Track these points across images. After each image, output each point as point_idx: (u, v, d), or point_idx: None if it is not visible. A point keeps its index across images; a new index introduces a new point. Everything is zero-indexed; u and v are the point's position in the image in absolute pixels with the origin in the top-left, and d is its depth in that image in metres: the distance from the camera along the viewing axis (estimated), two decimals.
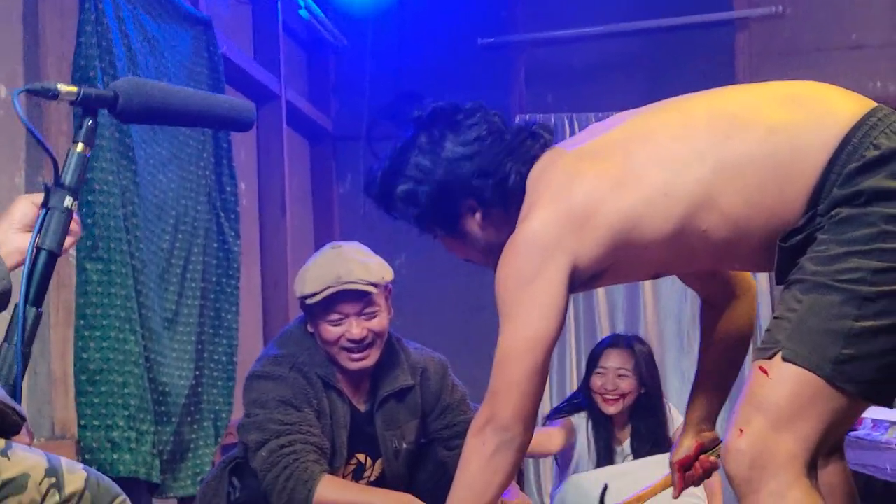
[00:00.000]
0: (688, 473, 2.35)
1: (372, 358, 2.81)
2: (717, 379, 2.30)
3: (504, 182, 2.05)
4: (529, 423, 1.99)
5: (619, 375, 3.66)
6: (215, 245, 3.78)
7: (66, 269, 2.99)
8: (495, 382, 1.97)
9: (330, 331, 2.77)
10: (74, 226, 1.68)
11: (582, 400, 3.77)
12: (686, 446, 2.34)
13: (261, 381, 2.77)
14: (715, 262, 2.04)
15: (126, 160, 3.15)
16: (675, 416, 3.76)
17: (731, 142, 1.82)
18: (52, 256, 1.59)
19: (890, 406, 1.92)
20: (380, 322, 2.81)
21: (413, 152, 2.13)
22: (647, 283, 5.30)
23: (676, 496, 2.43)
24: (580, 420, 3.72)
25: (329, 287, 2.74)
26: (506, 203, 2.07)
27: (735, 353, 2.28)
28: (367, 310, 2.79)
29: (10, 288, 1.68)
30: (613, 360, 3.69)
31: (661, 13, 5.48)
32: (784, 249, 1.77)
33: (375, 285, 2.78)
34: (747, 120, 1.83)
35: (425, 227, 2.16)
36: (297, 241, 4.99)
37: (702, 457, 2.35)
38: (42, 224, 1.58)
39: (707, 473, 2.38)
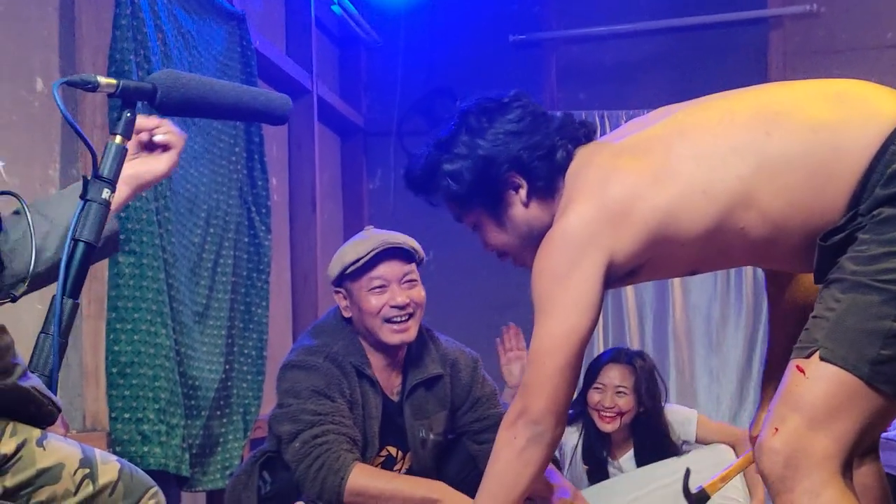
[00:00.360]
0: None
1: (412, 331, 2.82)
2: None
3: (551, 156, 2.07)
4: (561, 418, 2.00)
5: (618, 393, 3.52)
6: (246, 240, 3.79)
7: (99, 262, 3.00)
8: (528, 376, 1.98)
9: (372, 302, 2.79)
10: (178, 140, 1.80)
11: (575, 413, 3.60)
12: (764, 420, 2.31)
13: (294, 371, 2.78)
14: (753, 260, 2.03)
15: None
16: (681, 420, 3.65)
17: (772, 139, 1.80)
18: (90, 248, 1.59)
19: None
20: (419, 292, 2.85)
21: (461, 133, 2.13)
22: (677, 282, 5.27)
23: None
24: (569, 434, 3.59)
25: (375, 248, 2.80)
26: (551, 180, 2.08)
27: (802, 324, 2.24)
28: (409, 276, 2.84)
29: (118, 230, 1.77)
30: (613, 377, 3.54)
31: (693, 11, 5.44)
32: (824, 248, 1.76)
33: (416, 252, 2.86)
34: (790, 118, 1.82)
35: (467, 206, 2.17)
36: (326, 236, 5.00)
37: None
38: (80, 215, 1.59)
39: None
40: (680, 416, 3.67)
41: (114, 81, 1.61)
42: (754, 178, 1.80)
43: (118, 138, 1.64)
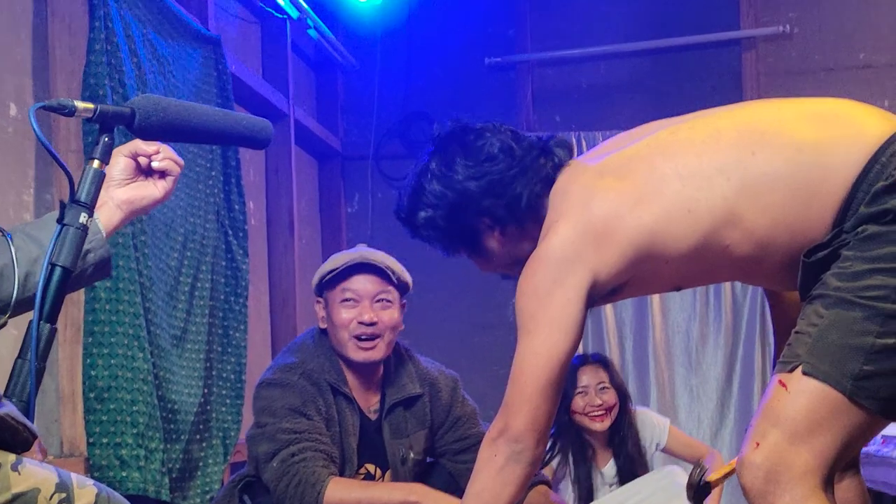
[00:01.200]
0: None
1: (379, 351, 2.82)
2: None
3: (517, 202, 2.07)
4: (542, 437, 1.99)
5: (601, 389, 3.58)
6: (223, 263, 3.78)
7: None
8: (510, 395, 1.98)
9: (342, 314, 2.80)
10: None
11: (558, 431, 3.59)
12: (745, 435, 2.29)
13: (270, 389, 2.77)
14: (738, 277, 2.04)
15: None
16: (653, 425, 3.68)
17: (756, 159, 1.81)
18: (67, 273, 1.58)
19: None
20: (391, 315, 2.83)
21: (427, 179, 2.14)
22: (656, 301, 5.29)
23: None
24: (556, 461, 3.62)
25: (351, 261, 2.83)
26: (522, 220, 2.08)
27: None
28: (382, 295, 2.83)
29: (109, 256, 1.73)
30: (591, 377, 3.60)
31: (667, 33, 5.49)
32: (808, 265, 1.76)
33: (394, 274, 2.85)
34: (775, 137, 1.83)
35: (450, 247, 2.18)
36: (305, 260, 5.00)
37: None
38: (57, 240, 1.58)
39: None
40: (653, 420, 3.72)
41: (91, 106, 1.60)
42: (739, 198, 1.81)
43: (96, 163, 1.62)
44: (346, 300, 2.81)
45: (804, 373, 1.67)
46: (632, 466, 3.59)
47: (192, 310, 3.54)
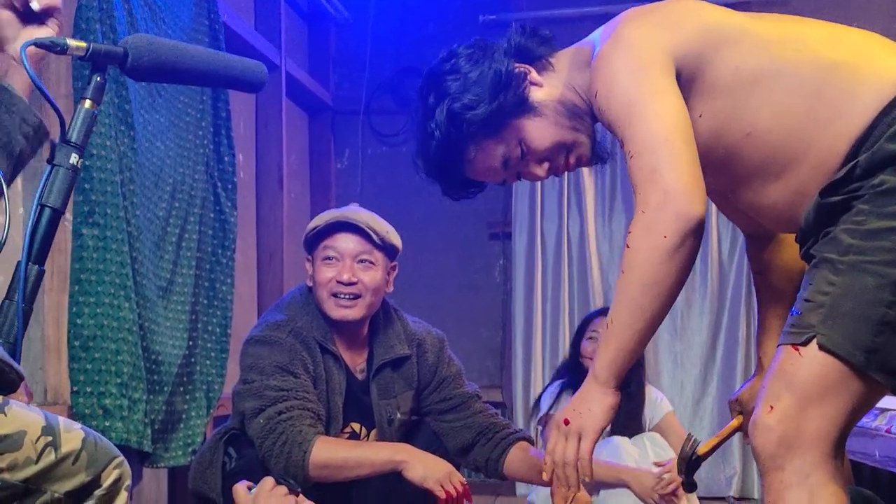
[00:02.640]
0: None
1: (358, 310, 2.80)
2: (783, 312, 2.14)
3: (537, 31, 2.04)
4: (704, 196, 1.76)
5: None
6: (212, 215, 3.75)
7: (62, 234, 2.96)
8: (651, 164, 1.74)
9: (323, 272, 2.80)
10: None
11: (564, 371, 3.79)
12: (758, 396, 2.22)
13: (257, 346, 2.76)
14: (746, 200, 1.92)
15: (125, 126, 3.12)
16: (654, 399, 3.77)
17: (798, 56, 1.78)
18: (56, 214, 1.56)
19: None
20: (372, 277, 2.81)
21: (446, 78, 2.02)
22: None
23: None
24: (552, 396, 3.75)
25: (333, 219, 2.81)
26: (552, 44, 2.04)
27: (794, 285, 2.10)
28: (364, 256, 2.81)
29: (41, 120, 1.66)
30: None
31: None
32: (820, 206, 1.71)
33: (377, 235, 2.82)
34: (813, 46, 1.80)
35: (499, 124, 1.99)
36: (293, 215, 4.96)
37: None
38: (47, 180, 1.55)
39: None
40: (657, 397, 3.78)
41: (83, 44, 1.57)
42: (773, 84, 1.77)
43: (88, 102, 1.60)
44: (328, 258, 2.80)
45: (819, 345, 1.63)
46: (624, 421, 3.65)
47: (178, 261, 3.51)
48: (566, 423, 1.88)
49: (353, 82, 5.59)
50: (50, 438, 1.49)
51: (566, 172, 2.12)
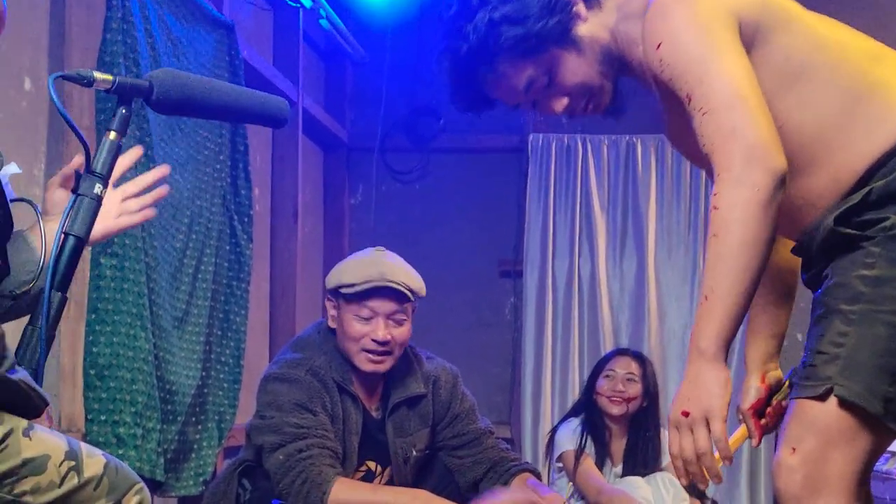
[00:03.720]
0: (763, 421, 2.09)
1: (387, 364, 2.83)
2: (774, 311, 2.12)
3: None
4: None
5: (628, 380, 3.76)
6: (227, 247, 3.79)
7: (81, 263, 2.97)
8: (731, 120, 1.69)
9: (356, 327, 2.80)
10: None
11: (579, 409, 3.83)
12: (755, 389, 2.10)
13: (276, 383, 2.77)
14: None
15: (144, 158, 3.15)
16: (666, 442, 3.79)
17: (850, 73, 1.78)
18: (80, 242, 1.59)
19: None
20: (403, 332, 2.84)
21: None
22: (653, 307, 5.30)
23: (757, 444, 2.19)
24: (572, 431, 3.78)
25: (371, 280, 2.78)
26: None
27: (786, 283, 2.10)
28: (398, 315, 2.83)
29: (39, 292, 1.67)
30: (623, 366, 3.79)
31: None
32: (834, 234, 1.71)
33: (413, 293, 2.84)
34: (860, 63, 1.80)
35: (538, 47, 1.92)
36: (307, 248, 5.01)
37: (773, 401, 2.10)
38: (71, 209, 1.59)
39: (782, 418, 2.02)
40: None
41: (109, 77, 1.61)
42: (814, 81, 1.77)
43: (113, 134, 1.64)
44: (364, 317, 2.81)
45: (838, 396, 1.63)
46: (634, 466, 3.68)
47: (194, 292, 3.55)
48: (685, 415, 1.72)
49: (369, 120, 5.64)
50: (73, 463, 1.52)
51: (583, 113, 2.04)
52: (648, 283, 5.32)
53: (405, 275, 2.85)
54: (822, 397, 1.65)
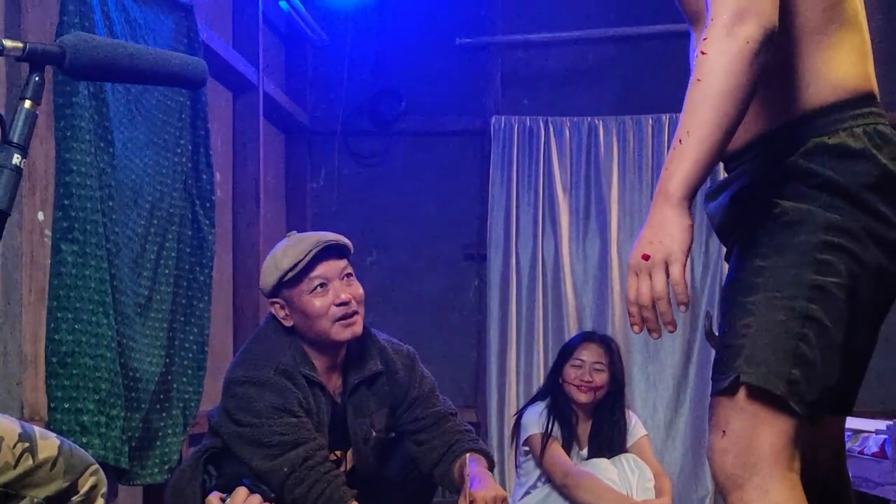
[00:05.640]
0: None
1: (359, 325, 2.82)
2: None
3: None
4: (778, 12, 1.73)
5: (596, 369, 3.75)
6: (189, 233, 3.75)
7: (41, 249, 2.96)
8: None
9: (317, 303, 2.77)
10: None
11: (545, 394, 3.83)
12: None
13: (245, 386, 2.73)
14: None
15: (104, 143, 3.13)
16: (630, 423, 3.82)
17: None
18: (3, 215, 1.55)
19: (848, 413, 1.93)
20: (358, 289, 2.84)
21: None
22: (616, 289, 5.32)
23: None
24: (537, 414, 3.79)
25: (310, 250, 2.76)
26: None
27: None
28: (346, 271, 2.82)
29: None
30: (590, 354, 3.78)
31: (637, 21, 5.52)
32: (730, 210, 1.79)
33: (349, 247, 2.85)
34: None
35: None
36: (269, 233, 4.97)
37: None
38: None
39: None
40: (633, 420, 3.85)
41: (20, 44, 1.56)
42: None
43: (28, 103, 1.58)
44: (317, 288, 2.77)
45: (743, 382, 1.68)
46: (600, 449, 3.71)
47: (156, 278, 3.51)
48: (645, 258, 1.69)
49: (330, 103, 5.62)
50: (27, 444, 1.51)
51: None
52: (611, 265, 5.34)
53: (332, 234, 2.85)
54: (733, 388, 1.69)
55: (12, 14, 2.91)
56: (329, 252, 2.80)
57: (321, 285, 2.77)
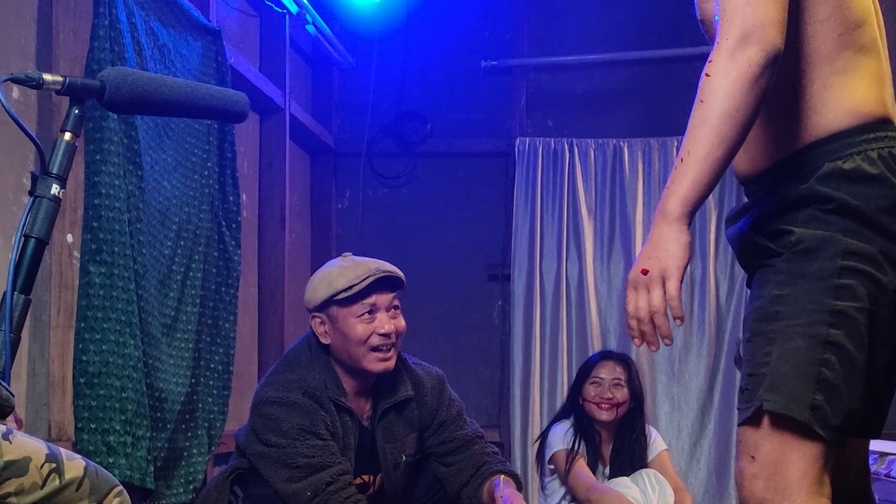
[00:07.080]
0: None
1: (393, 360, 2.84)
2: None
3: None
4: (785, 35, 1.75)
5: (615, 385, 3.78)
6: (216, 254, 3.79)
7: (69, 270, 3.00)
8: (730, 7, 1.73)
9: (360, 328, 2.79)
10: None
11: (566, 412, 3.86)
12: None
13: (273, 407, 2.75)
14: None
15: (133, 166, 3.17)
16: (650, 439, 3.83)
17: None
18: (41, 244, 1.59)
19: (877, 436, 1.94)
20: (401, 322, 2.87)
21: None
22: None
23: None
24: (564, 430, 3.80)
25: (369, 276, 2.79)
26: None
27: None
28: (395, 304, 2.85)
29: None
30: (608, 371, 3.80)
31: (662, 44, 5.53)
32: (748, 240, 1.80)
33: (403, 281, 2.88)
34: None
35: None
36: (294, 254, 5.01)
37: None
38: (30, 211, 1.59)
39: None
40: (652, 436, 3.86)
41: (59, 78, 1.61)
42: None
43: (67, 135, 1.63)
44: (364, 314, 2.80)
45: (766, 410, 1.70)
46: (621, 466, 3.72)
47: (183, 299, 3.55)
48: (644, 273, 1.73)
49: (356, 125, 5.66)
50: (54, 465, 1.54)
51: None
52: None
53: (389, 265, 2.88)
54: (758, 416, 1.71)
55: (44, 40, 2.97)
56: (384, 282, 2.83)
57: (369, 312, 2.80)
